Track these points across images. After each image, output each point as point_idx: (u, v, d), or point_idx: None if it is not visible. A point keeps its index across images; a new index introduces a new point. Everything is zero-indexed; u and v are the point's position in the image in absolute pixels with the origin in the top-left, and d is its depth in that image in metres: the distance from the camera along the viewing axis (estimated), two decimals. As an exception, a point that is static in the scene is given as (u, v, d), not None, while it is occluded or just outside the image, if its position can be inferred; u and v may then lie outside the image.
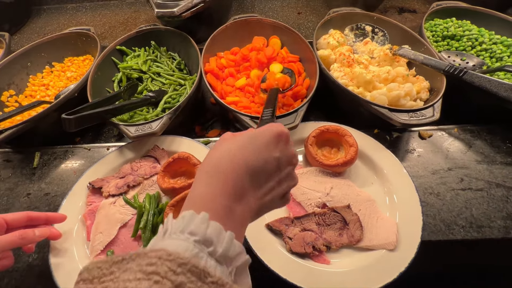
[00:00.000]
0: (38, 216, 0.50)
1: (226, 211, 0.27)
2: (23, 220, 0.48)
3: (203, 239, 0.24)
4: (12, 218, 0.47)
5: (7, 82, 0.86)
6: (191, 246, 0.23)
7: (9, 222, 0.47)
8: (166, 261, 0.21)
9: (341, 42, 0.86)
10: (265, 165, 0.30)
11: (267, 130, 0.32)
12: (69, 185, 0.66)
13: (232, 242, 0.25)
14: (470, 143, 0.71)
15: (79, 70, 0.94)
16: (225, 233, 0.25)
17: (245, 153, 0.30)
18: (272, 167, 0.31)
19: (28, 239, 0.46)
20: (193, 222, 0.25)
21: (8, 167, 0.72)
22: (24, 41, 1.14)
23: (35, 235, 0.47)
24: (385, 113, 0.65)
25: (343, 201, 0.60)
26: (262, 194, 0.30)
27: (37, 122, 0.70)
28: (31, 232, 0.46)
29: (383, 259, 0.53)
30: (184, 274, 0.21)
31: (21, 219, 0.48)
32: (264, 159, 0.30)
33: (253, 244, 0.54)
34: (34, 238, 0.47)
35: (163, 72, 0.86)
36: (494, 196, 0.62)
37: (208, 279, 0.21)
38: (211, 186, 0.28)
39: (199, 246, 0.24)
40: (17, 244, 0.45)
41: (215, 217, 0.26)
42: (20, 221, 0.48)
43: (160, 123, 0.65)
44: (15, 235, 0.45)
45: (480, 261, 0.72)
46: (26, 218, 0.48)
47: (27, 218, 0.49)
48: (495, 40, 0.86)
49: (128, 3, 1.27)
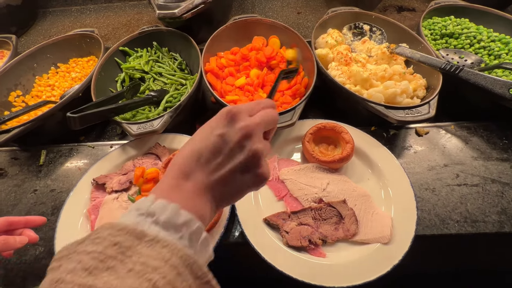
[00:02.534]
0: (18, 220, 0.51)
1: (171, 188, 0.31)
2: (3, 225, 0.49)
3: (146, 212, 0.28)
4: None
5: (14, 83, 0.89)
6: (133, 218, 0.28)
7: None
8: (108, 229, 0.26)
9: (339, 41, 0.87)
10: (207, 143, 0.32)
11: (216, 115, 0.35)
12: (74, 182, 0.68)
13: (177, 211, 0.28)
14: (467, 140, 0.72)
15: (83, 70, 0.97)
16: (169, 205, 0.28)
17: (193, 138, 0.34)
18: (215, 144, 0.32)
19: (10, 245, 0.48)
20: (140, 202, 0.29)
21: (15, 165, 0.74)
22: (30, 43, 1.17)
23: (16, 241, 0.49)
24: (382, 111, 0.66)
25: (339, 196, 0.61)
26: (212, 169, 0.32)
27: (43, 121, 0.72)
28: (12, 238, 0.48)
29: (377, 253, 0.54)
30: (121, 235, 0.25)
31: (1, 225, 0.49)
32: (207, 138, 0.33)
33: (251, 237, 0.56)
34: (15, 244, 0.48)
35: (165, 72, 0.88)
36: (490, 191, 0.63)
37: (145, 238, 0.25)
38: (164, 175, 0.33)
39: (141, 217, 0.28)
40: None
41: (162, 195, 0.30)
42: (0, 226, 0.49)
43: (161, 121, 0.67)
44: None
45: (475, 261, 0.73)
46: (6, 223, 0.50)
47: (7, 223, 0.50)
48: (493, 38, 0.86)
49: (130, 5, 1.29)
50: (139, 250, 0.25)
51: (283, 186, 0.65)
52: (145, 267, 0.23)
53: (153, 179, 0.63)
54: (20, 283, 0.56)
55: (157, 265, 0.24)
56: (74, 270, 0.23)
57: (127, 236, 0.25)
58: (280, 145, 0.72)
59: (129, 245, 0.25)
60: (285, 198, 0.63)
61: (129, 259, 0.24)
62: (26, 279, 0.57)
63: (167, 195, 0.30)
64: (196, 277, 0.26)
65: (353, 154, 0.65)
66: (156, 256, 0.24)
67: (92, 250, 0.24)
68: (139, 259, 0.24)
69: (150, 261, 0.24)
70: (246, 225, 0.57)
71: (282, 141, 0.72)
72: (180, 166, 0.32)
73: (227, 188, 0.33)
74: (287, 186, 0.64)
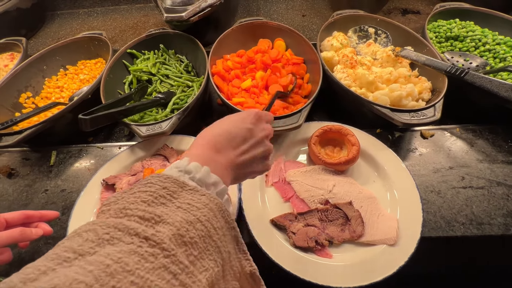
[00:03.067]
0: (33, 214, 0.54)
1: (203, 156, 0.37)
2: (20, 218, 0.53)
3: (184, 170, 0.33)
4: (11, 216, 0.52)
5: (25, 85, 0.91)
6: (174, 172, 0.33)
7: (8, 220, 0.51)
8: (156, 177, 0.31)
9: (344, 44, 0.88)
10: (239, 131, 0.40)
11: (244, 111, 0.45)
12: (83, 182, 0.69)
13: (208, 173, 0.34)
14: (472, 143, 0.72)
15: (91, 72, 0.98)
16: (202, 168, 0.34)
17: (223, 123, 0.42)
18: (246, 134, 0.41)
19: (26, 236, 0.51)
20: (177, 162, 0.35)
21: (26, 165, 0.76)
22: (39, 45, 1.19)
23: (32, 233, 0.52)
24: (387, 113, 0.67)
25: (345, 198, 0.62)
26: (240, 152, 0.40)
27: (53, 122, 0.74)
28: (29, 230, 0.51)
29: (383, 254, 0.55)
30: (168, 182, 0.31)
31: (19, 217, 0.52)
32: (238, 127, 0.41)
33: (258, 238, 0.56)
34: (32, 236, 0.51)
35: (172, 74, 0.89)
36: (495, 194, 0.63)
37: (186, 187, 0.31)
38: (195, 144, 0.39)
39: (180, 173, 0.33)
40: (17, 239, 0.49)
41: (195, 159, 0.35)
42: (17, 219, 0.52)
43: (169, 123, 0.68)
44: (16, 231, 0.49)
45: (480, 262, 0.73)
46: (23, 216, 0.53)
47: (24, 216, 0.53)
48: (499, 41, 0.86)
49: (137, 8, 1.31)
50: (183, 195, 0.30)
51: (290, 187, 0.65)
52: (190, 206, 0.29)
53: (162, 180, 0.64)
54: (32, 281, 0.57)
55: (199, 206, 0.29)
56: (135, 202, 0.28)
57: (173, 184, 0.31)
58: (287, 147, 0.72)
59: (175, 190, 0.30)
60: (292, 199, 0.64)
61: (176, 200, 0.30)
62: (38, 277, 0.58)
63: (199, 160, 0.35)
64: (226, 221, 0.31)
65: (358, 156, 0.66)
66: (197, 200, 0.30)
67: (146, 190, 0.30)
68: (185, 200, 0.30)
69: (193, 203, 0.29)
70: (253, 226, 0.58)
71: (288, 143, 0.72)
72: (215, 142, 0.38)
73: (244, 170, 0.41)
74: (293, 188, 0.65)
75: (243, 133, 0.40)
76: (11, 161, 0.77)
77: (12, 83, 0.87)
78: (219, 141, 0.39)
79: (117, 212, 0.28)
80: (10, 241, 0.49)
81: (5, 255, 0.50)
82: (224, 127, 0.40)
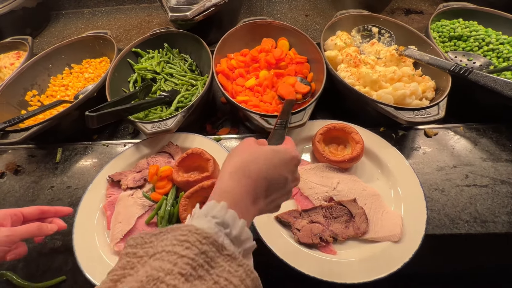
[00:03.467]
0: (48, 209, 0.57)
1: (243, 206, 0.34)
2: (36, 213, 0.55)
3: (221, 222, 0.30)
4: (28, 211, 0.54)
5: (31, 83, 0.92)
6: (212, 226, 0.29)
7: (25, 215, 0.53)
8: (195, 234, 0.27)
9: (348, 43, 0.88)
10: (279, 180, 0.37)
11: (287, 150, 0.40)
12: (89, 179, 0.70)
13: (244, 228, 0.31)
14: (476, 141, 0.72)
15: (96, 71, 0.99)
16: (239, 220, 0.31)
17: (269, 165, 0.37)
18: (282, 183, 0.38)
19: (43, 231, 0.53)
20: (214, 209, 0.31)
21: (32, 162, 0.77)
22: (44, 44, 1.20)
23: (48, 228, 0.54)
24: (391, 112, 0.67)
25: (349, 195, 0.62)
26: (269, 202, 0.37)
27: (60, 119, 0.75)
28: (45, 225, 0.53)
29: (387, 251, 0.55)
30: (207, 244, 0.27)
31: (35, 212, 0.55)
32: (280, 175, 0.37)
33: (264, 235, 0.57)
34: (48, 231, 0.53)
35: (176, 73, 0.90)
36: (499, 192, 0.64)
37: (224, 251, 0.28)
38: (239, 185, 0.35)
39: (218, 227, 0.30)
40: (34, 233, 0.51)
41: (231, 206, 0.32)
42: (34, 214, 0.54)
43: (175, 121, 0.69)
44: (33, 225, 0.51)
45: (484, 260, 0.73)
46: (39, 211, 0.55)
47: (40, 211, 0.55)
48: (502, 40, 0.87)
49: (141, 8, 1.32)
50: (220, 263, 0.27)
51: (294, 185, 0.66)
52: (227, 283, 0.26)
53: (167, 176, 0.65)
54: (39, 276, 0.58)
55: (236, 283, 0.26)
56: (171, 273, 0.24)
57: (211, 247, 0.27)
58: (290, 145, 0.73)
59: (212, 256, 0.27)
60: (296, 196, 0.64)
61: (214, 271, 0.26)
62: (45, 272, 0.58)
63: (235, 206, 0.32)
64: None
65: (362, 154, 0.66)
66: (234, 273, 0.27)
67: (185, 254, 0.26)
68: (222, 273, 0.27)
69: (230, 278, 0.27)
70: (258, 222, 0.58)
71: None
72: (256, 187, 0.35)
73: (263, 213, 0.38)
74: (298, 185, 0.65)
75: (281, 182, 0.37)
76: (18, 158, 0.78)
77: (18, 81, 0.88)
78: (258, 188, 0.35)
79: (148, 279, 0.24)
80: (28, 235, 0.50)
81: (20, 248, 0.51)
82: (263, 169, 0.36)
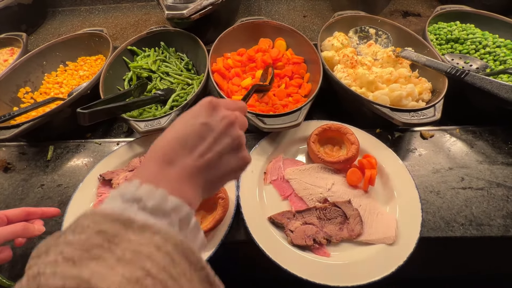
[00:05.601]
0: (35, 211, 0.54)
1: (156, 174, 0.30)
2: (22, 215, 0.52)
3: (132, 198, 0.26)
4: (12, 213, 0.51)
5: (24, 80, 0.90)
6: (117, 204, 0.26)
7: (10, 218, 0.50)
8: (89, 216, 0.24)
9: (345, 44, 0.88)
10: (191, 130, 0.33)
11: (197, 104, 0.36)
12: (80, 177, 0.69)
13: (165, 197, 0.27)
14: (472, 144, 0.72)
15: (91, 69, 0.98)
16: (157, 191, 0.27)
17: (174, 126, 0.34)
18: (200, 130, 0.33)
19: (29, 232, 0.50)
20: (124, 187, 0.28)
21: (23, 160, 0.75)
22: (40, 41, 1.18)
23: (35, 229, 0.51)
24: (387, 113, 0.66)
25: (344, 196, 0.61)
26: (199, 154, 0.32)
27: (51, 117, 0.73)
28: (32, 226, 0.50)
29: (382, 253, 0.54)
30: (106, 223, 0.23)
31: (20, 214, 0.51)
32: (190, 125, 0.33)
33: (256, 236, 0.56)
34: (34, 232, 0.50)
35: (172, 71, 0.89)
36: (495, 195, 0.63)
37: (133, 225, 0.24)
38: (150, 159, 0.32)
39: (127, 204, 0.26)
40: (19, 234, 0.48)
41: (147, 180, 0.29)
42: (19, 216, 0.51)
43: (168, 119, 0.68)
44: (18, 226, 0.48)
45: (479, 264, 0.72)
46: (25, 213, 0.52)
47: (25, 213, 0.52)
48: (499, 44, 0.87)
49: (139, 6, 1.31)
50: (128, 238, 0.23)
51: (288, 185, 0.65)
52: (136, 255, 0.22)
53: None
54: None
55: (149, 252, 0.22)
56: (55, 261, 0.21)
57: (113, 224, 0.23)
58: (286, 145, 0.72)
59: (115, 233, 0.23)
60: (290, 197, 0.63)
61: (117, 247, 0.22)
62: (31, 272, 0.57)
63: (152, 180, 0.29)
64: (190, 264, 0.24)
65: (358, 155, 0.65)
66: (147, 243, 0.23)
67: (73, 240, 0.22)
68: (129, 246, 0.22)
69: (141, 249, 0.22)
70: (250, 223, 0.57)
71: (287, 142, 0.72)
72: (164, 152, 0.31)
73: (213, 171, 0.33)
74: (292, 186, 0.64)
75: (196, 130, 0.33)
76: (8, 155, 0.76)
77: (11, 77, 0.87)
78: (169, 149, 0.31)
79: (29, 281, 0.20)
80: (12, 236, 0.47)
81: (4, 253, 0.48)
82: (172, 131, 0.33)
